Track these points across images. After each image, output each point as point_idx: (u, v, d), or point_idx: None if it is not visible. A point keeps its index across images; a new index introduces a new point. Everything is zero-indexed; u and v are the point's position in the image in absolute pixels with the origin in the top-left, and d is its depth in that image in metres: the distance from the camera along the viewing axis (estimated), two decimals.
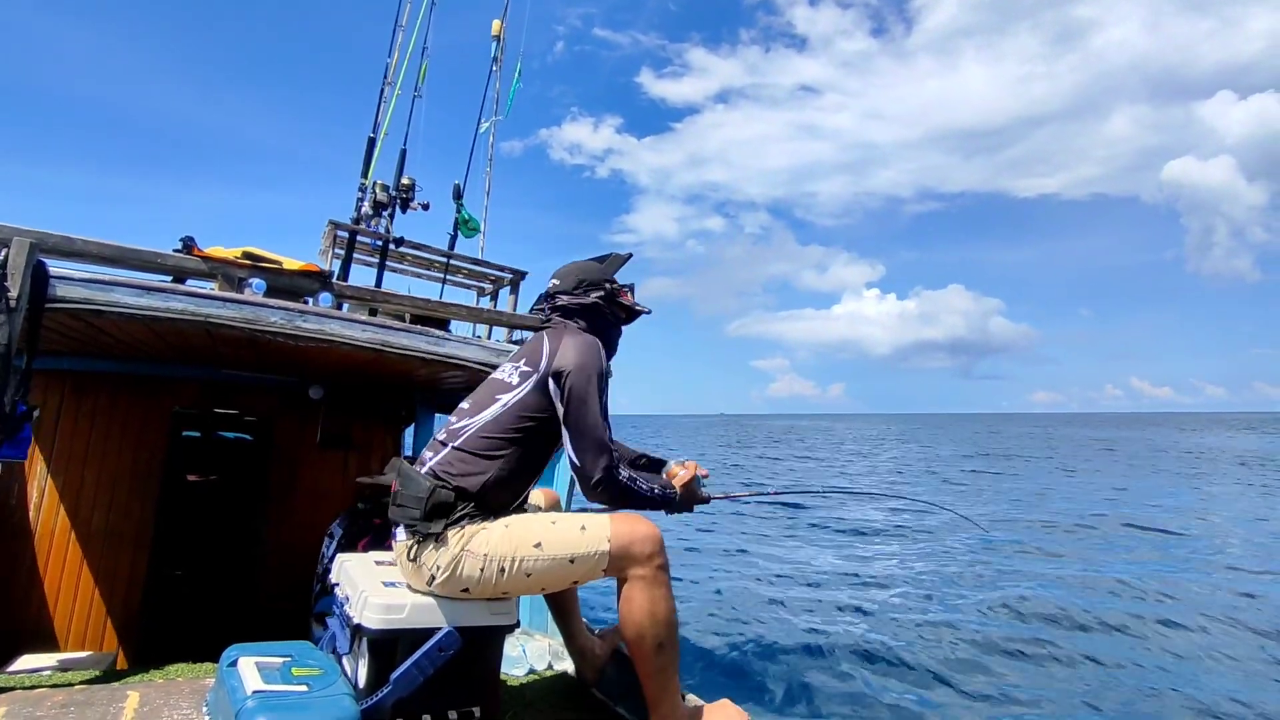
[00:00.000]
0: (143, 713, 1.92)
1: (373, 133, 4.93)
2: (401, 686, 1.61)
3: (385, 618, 1.65)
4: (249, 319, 2.28)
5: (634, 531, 1.76)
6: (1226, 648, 6.00)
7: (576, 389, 1.78)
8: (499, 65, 5.87)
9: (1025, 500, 15.65)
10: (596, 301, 2.04)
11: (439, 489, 1.72)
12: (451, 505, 1.72)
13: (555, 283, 2.09)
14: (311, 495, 3.55)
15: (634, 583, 1.75)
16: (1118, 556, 9.60)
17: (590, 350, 1.85)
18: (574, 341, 1.87)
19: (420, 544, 1.72)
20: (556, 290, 2.07)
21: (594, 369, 1.82)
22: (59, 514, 3.08)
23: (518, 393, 1.82)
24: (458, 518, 1.71)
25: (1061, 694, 4.95)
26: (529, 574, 1.72)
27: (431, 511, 1.70)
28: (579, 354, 1.83)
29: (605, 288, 2.07)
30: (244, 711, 1.44)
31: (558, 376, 1.80)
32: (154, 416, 3.31)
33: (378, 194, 4.51)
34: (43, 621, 3.01)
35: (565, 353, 1.83)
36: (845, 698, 4.88)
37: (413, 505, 1.73)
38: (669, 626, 1.76)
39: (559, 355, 1.83)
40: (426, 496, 1.71)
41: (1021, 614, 6.98)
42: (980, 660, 5.68)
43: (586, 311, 2.03)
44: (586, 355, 1.83)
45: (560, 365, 1.81)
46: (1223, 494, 17.07)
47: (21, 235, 1.97)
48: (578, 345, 1.86)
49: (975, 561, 9.50)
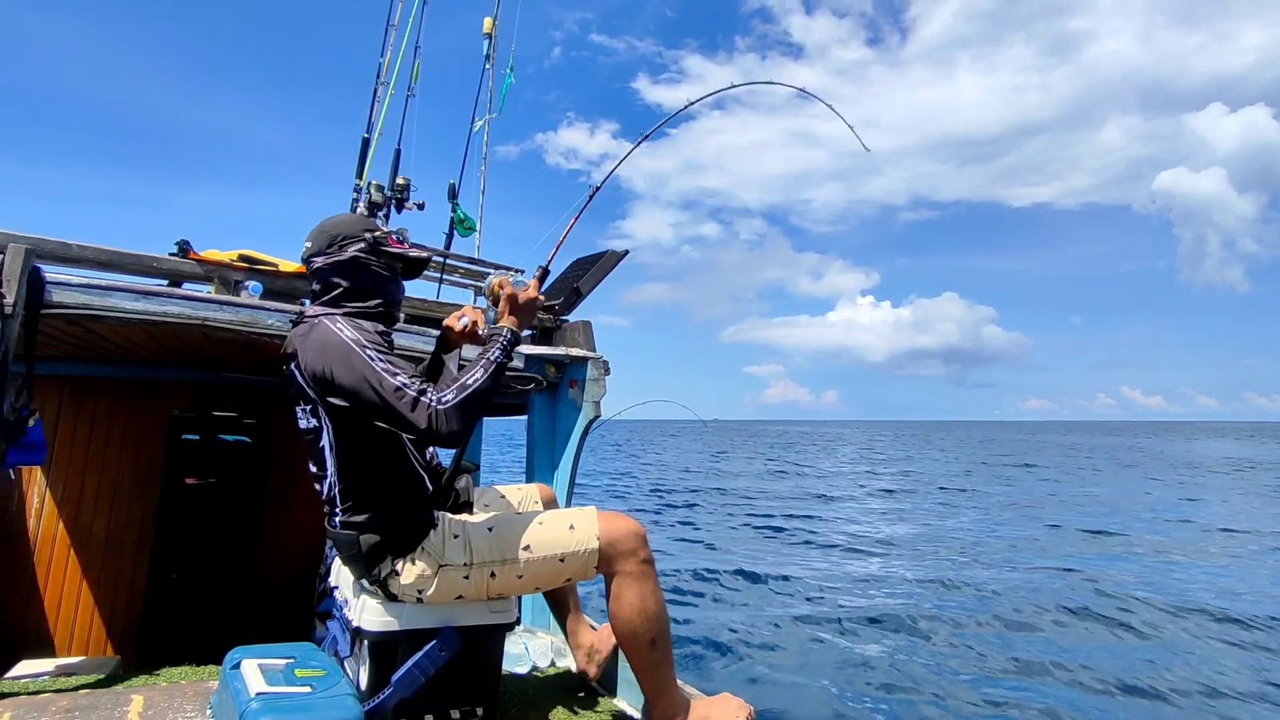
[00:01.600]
0: (147, 716, 1.93)
1: (367, 133, 4.93)
2: (403, 688, 1.62)
3: (384, 620, 1.65)
4: (246, 322, 2.28)
5: (615, 528, 1.76)
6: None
7: (345, 382, 1.58)
8: (491, 63, 5.85)
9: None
10: (356, 256, 1.77)
11: (360, 538, 1.65)
12: (383, 544, 1.66)
13: (307, 245, 1.80)
14: (311, 497, 3.55)
15: (622, 579, 1.75)
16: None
17: (326, 338, 1.63)
18: (309, 346, 1.65)
19: (384, 586, 1.68)
20: (309, 254, 1.79)
21: (340, 348, 1.60)
22: (59, 519, 3.09)
23: (325, 432, 1.67)
24: (400, 550, 1.66)
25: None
26: (520, 575, 1.72)
27: (370, 558, 1.65)
28: (320, 351, 1.62)
29: (365, 238, 1.79)
30: (248, 713, 1.45)
31: (326, 388, 1.61)
32: (153, 420, 3.31)
33: (373, 194, 4.50)
34: (43, 627, 3.02)
35: (311, 364, 1.63)
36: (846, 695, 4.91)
37: (356, 563, 1.68)
38: (660, 621, 1.76)
39: (308, 370, 1.64)
40: (358, 550, 1.65)
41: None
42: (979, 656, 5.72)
43: (346, 270, 1.76)
44: (328, 345, 1.62)
45: (315, 376, 1.62)
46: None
47: (17, 241, 1.97)
48: (314, 346, 1.64)
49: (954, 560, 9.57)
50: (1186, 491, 20.17)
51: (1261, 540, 11.64)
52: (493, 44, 5.67)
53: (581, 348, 3.00)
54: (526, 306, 1.81)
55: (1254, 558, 10.28)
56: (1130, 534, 12.12)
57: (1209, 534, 12.34)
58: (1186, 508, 16.03)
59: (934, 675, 5.20)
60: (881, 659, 5.55)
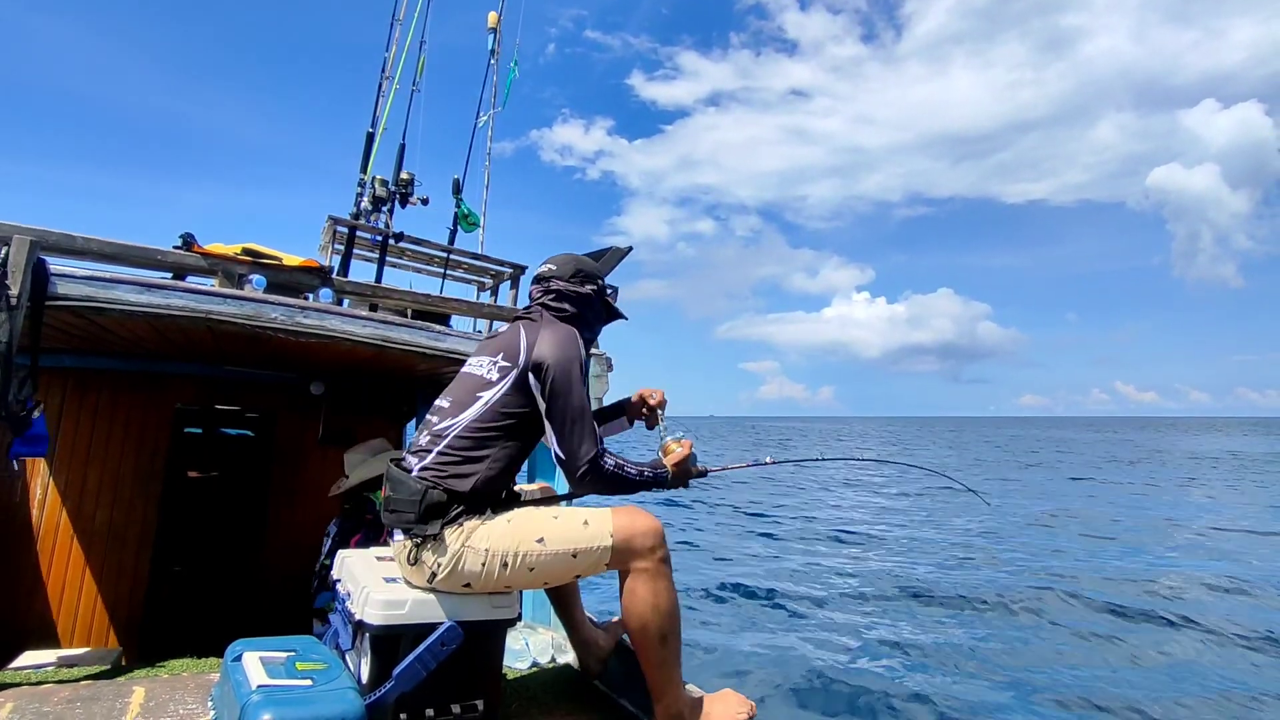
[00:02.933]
0: (148, 707, 1.93)
1: (371, 128, 4.91)
2: (404, 681, 1.62)
3: (387, 614, 1.65)
4: (250, 315, 2.28)
5: (635, 525, 1.77)
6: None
7: (558, 381, 1.75)
8: (496, 58, 5.85)
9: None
10: (590, 293, 2.03)
11: (430, 490, 1.71)
12: (445, 506, 1.71)
13: (551, 267, 2.05)
14: (313, 491, 3.56)
15: (636, 575, 1.76)
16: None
17: (568, 341, 1.82)
18: (552, 333, 1.83)
19: (419, 546, 1.71)
20: (553, 274, 2.03)
21: (574, 359, 1.79)
22: (62, 511, 3.09)
23: (498, 389, 1.80)
24: (453, 517, 1.71)
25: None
26: (532, 568, 1.73)
27: (426, 513, 1.70)
28: (557, 345, 1.79)
29: (599, 283, 2.07)
30: (249, 706, 1.45)
31: (537, 370, 1.77)
32: (156, 413, 3.31)
33: (377, 189, 4.50)
34: (47, 618, 3.03)
35: (543, 345, 1.79)
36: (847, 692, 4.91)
37: (407, 509, 1.72)
38: (672, 618, 1.77)
39: (537, 348, 1.79)
40: (419, 499, 1.70)
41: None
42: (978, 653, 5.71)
43: (579, 301, 2.01)
44: (565, 346, 1.80)
45: (539, 358, 1.78)
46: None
47: (22, 233, 1.97)
48: (556, 337, 1.82)
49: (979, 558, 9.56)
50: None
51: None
52: (497, 38, 5.66)
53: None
54: (686, 475, 2.02)
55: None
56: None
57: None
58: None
59: (936, 673, 5.20)
60: (882, 656, 5.55)
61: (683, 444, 2.06)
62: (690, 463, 2.02)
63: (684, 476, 2.01)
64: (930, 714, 4.50)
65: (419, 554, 1.71)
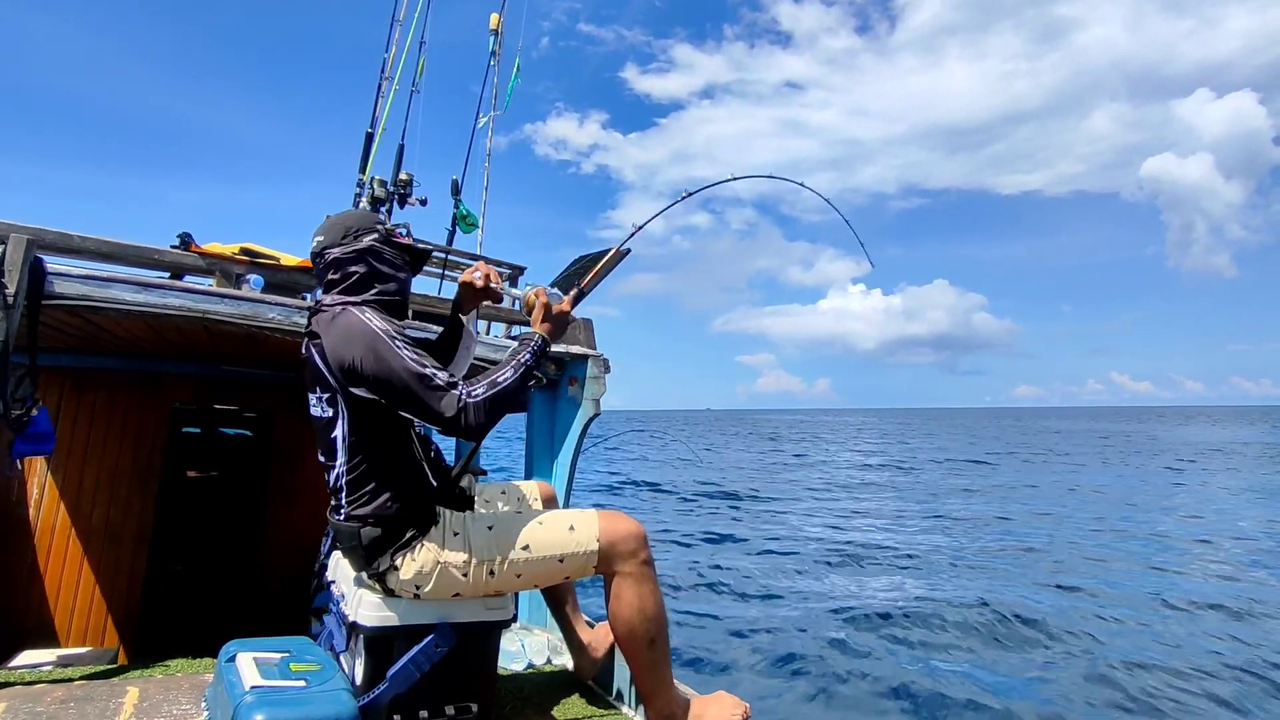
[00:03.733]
0: (142, 708, 1.93)
1: (370, 128, 4.92)
2: (398, 683, 1.61)
3: (380, 615, 1.65)
4: (247, 315, 2.28)
5: (617, 529, 1.77)
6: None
7: (373, 371, 1.59)
8: (497, 59, 5.84)
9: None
10: (372, 244, 1.80)
11: (362, 530, 1.66)
12: (384, 539, 1.66)
13: (319, 239, 1.82)
14: (311, 491, 3.56)
15: (621, 579, 1.76)
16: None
17: (353, 326, 1.64)
18: (335, 333, 1.66)
19: (382, 580, 1.69)
20: (323, 246, 1.80)
21: (368, 336, 1.61)
22: (59, 511, 3.09)
23: (341, 421, 1.67)
24: (403, 543, 1.67)
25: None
26: (519, 574, 1.73)
27: (370, 551, 1.66)
28: (347, 339, 1.63)
29: (377, 229, 1.83)
30: (242, 707, 1.45)
31: (351, 377, 1.62)
32: (154, 413, 3.31)
33: (375, 189, 4.50)
34: (43, 618, 3.02)
35: (337, 352, 1.64)
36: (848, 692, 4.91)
37: (355, 554, 1.69)
38: (658, 622, 1.77)
39: (333, 359, 1.64)
40: (358, 541, 1.66)
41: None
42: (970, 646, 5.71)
43: (363, 257, 1.78)
44: (353, 334, 1.63)
45: (340, 364, 1.63)
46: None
47: (18, 232, 1.97)
48: (341, 333, 1.65)
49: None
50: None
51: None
52: (498, 40, 5.66)
53: (582, 345, 3.00)
54: (559, 319, 1.87)
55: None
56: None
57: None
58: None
59: (938, 670, 5.20)
60: (881, 656, 5.54)
61: (536, 291, 1.88)
62: (554, 301, 1.86)
63: (560, 323, 1.87)
64: (931, 712, 4.50)
65: (388, 585, 1.69)
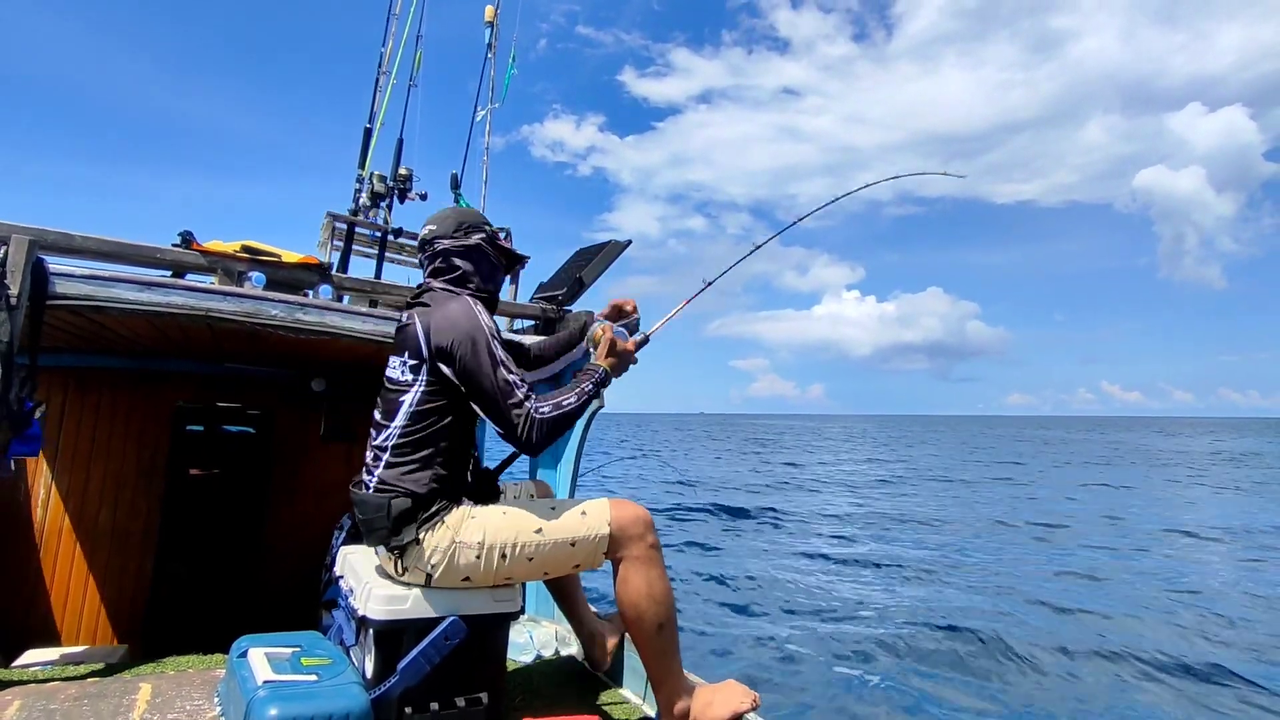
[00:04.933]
0: (155, 704, 1.94)
1: (369, 123, 4.90)
2: (409, 676, 1.62)
3: (389, 609, 1.66)
4: (249, 312, 2.27)
5: (624, 514, 1.79)
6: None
7: (466, 360, 1.68)
8: (493, 52, 5.82)
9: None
10: (479, 243, 1.93)
11: (392, 501, 1.69)
12: (413, 510, 1.68)
13: (431, 228, 1.94)
14: (315, 488, 3.57)
15: (629, 564, 1.77)
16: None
17: (463, 314, 1.74)
18: (444, 313, 1.75)
19: (403, 555, 1.70)
20: (435, 235, 1.92)
21: (474, 330, 1.71)
22: (65, 510, 3.10)
23: (415, 389, 1.74)
24: (427, 518, 1.69)
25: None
26: (530, 558, 1.74)
27: (397, 522, 1.68)
28: (454, 324, 1.72)
29: (485, 230, 1.96)
30: (255, 701, 1.46)
31: (443, 356, 1.71)
32: (157, 411, 3.31)
33: (375, 185, 4.49)
34: (50, 617, 3.04)
35: (440, 329, 1.72)
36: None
37: (379, 525, 1.70)
38: (666, 606, 1.78)
39: (434, 336, 1.72)
40: (385, 512, 1.68)
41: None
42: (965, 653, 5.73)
43: (472, 254, 1.91)
44: (461, 320, 1.72)
45: (439, 343, 1.71)
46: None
47: (20, 233, 1.97)
48: (449, 315, 1.74)
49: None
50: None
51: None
52: (494, 32, 5.64)
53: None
54: (623, 356, 1.94)
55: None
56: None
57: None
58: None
59: (940, 665, 5.22)
60: (886, 650, 5.56)
61: (603, 328, 1.99)
62: (619, 338, 1.95)
63: (623, 360, 1.95)
64: (930, 711, 4.52)
65: (405, 562, 1.70)
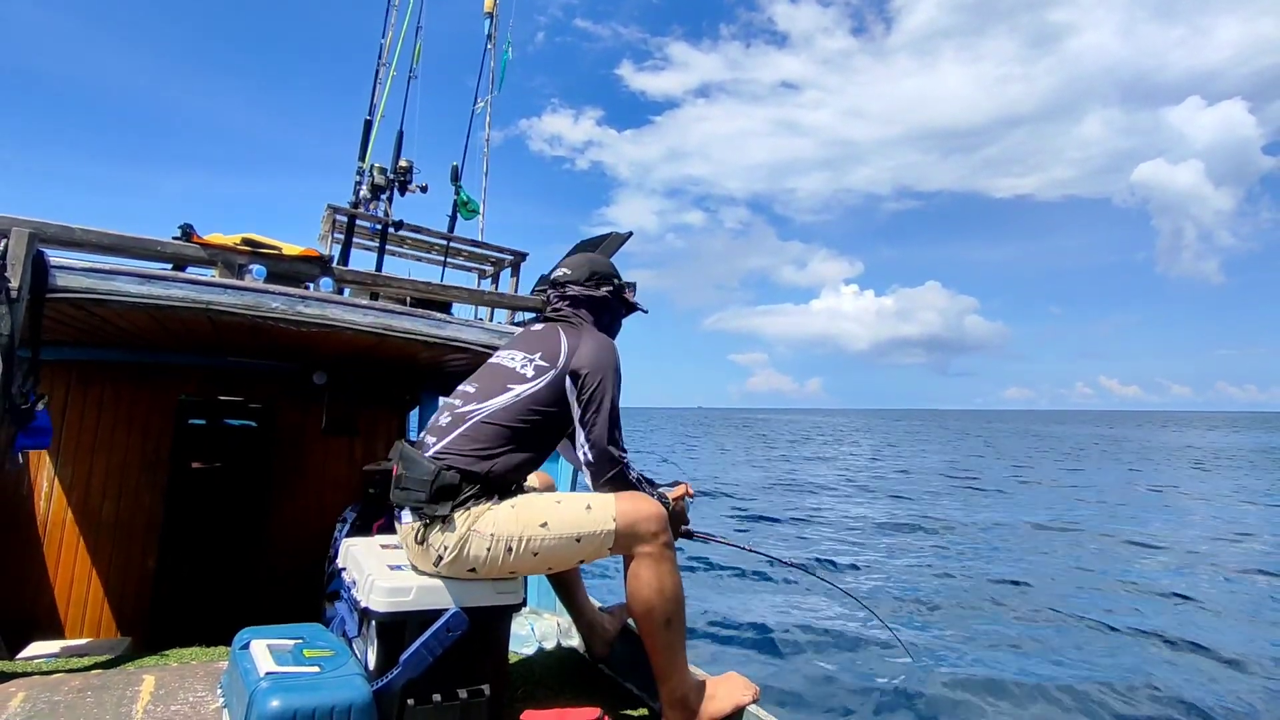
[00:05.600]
0: (158, 695, 1.95)
1: (369, 115, 4.89)
2: (411, 667, 1.63)
3: (392, 600, 1.66)
4: (250, 305, 2.27)
5: (639, 510, 1.78)
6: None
7: (594, 391, 1.81)
8: (493, 43, 5.80)
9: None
10: (607, 296, 2.05)
11: (443, 472, 1.72)
12: (457, 488, 1.71)
13: (565, 271, 2.07)
14: (317, 480, 3.58)
15: (641, 559, 1.77)
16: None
17: (608, 351, 1.88)
18: (593, 342, 1.89)
19: (427, 527, 1.72)
20: (568, 279, 2.05)
21: (611, 370, 1.84)
22: (68, 504, 3.11)
23: (532, 386, 1.82)
24: (463, 500, 1.71)
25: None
26: (536, 553, 1.74)
27: (437, 494, 1.71)
28: (597, 356, 1.85)
29: (615, 283, 2.08)
30: (258, 693, 1.46)
31: (575, 376, 1.82)
32: (160, 405, 3.32)
33: (375, 177, 4.48)
34: (55, 610, 3.05)
35: (584, 352, 1.85)
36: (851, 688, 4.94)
37: (418, 489, 1.73)
38: (676, 602, 1.78)
39: (578, 354, 1.84)
40: (432, 480, 1.71)
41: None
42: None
43: (596, 304, 2.04)
44: (605, 356, 1.86)
45: (578, 365, 1.83)
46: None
47: (20, 225, 1.97)
48: (597, 346, 1.87)
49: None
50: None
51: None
52: (494, 23, 5.62)
53: None
54: (679, 517, 2.04)
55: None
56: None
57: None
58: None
59: (942, 662, 5.24)
60: (890, 643, 5.58)
61: (680, 485, 2.11)
62: (684, 508, 2.08)
63: (678, 520, 2.03)
64: (931, 710, 4.53)
65: (426, 535, 1.72)
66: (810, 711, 4.38)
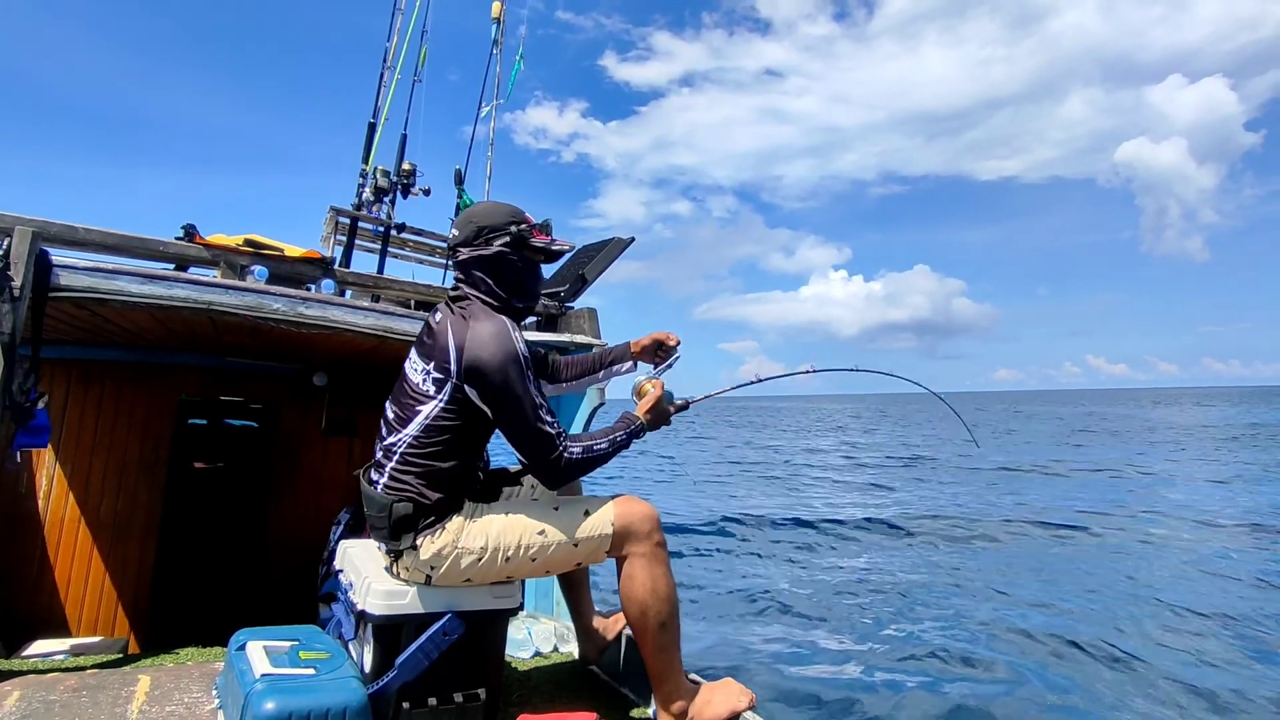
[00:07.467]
0: (154, 696, 1.95)
1: (373, 118, 4.90)
2: (407, 671, 1.63)
3: (389, 604, 1.66)
4: (252, 306, 2.28)
5: (633, 511, 1.78)
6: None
7: (496, 389, 1.63)
8: (499, 48, 5.81)
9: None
10: (501, 250, 1.77)
11: (395, 505, 1.68)
12: (414, 518, 1.68)
13: (454, 233, 1.82)
14: (316, 481, 3.58)
15: (634, 560, 1.77)
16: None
17: (498, 338, 1.64)
18: (480, 333, 1.65)
19: (397, 558, 1.71)
20: (454, 243, 1.80)
21: (509, 360, 1.63)
22: (68, 502, 3.11)
23: (436, 404, 1.68)
24: (426, 526, 1.68)
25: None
26: (534, 559, 1.74)
27: (395, 528, 1.67)
28: (486, 347, 1.63)
29: (511, 232, 1.77)
30: (253, 695, 1.46)
31: (472, 378, 1.64)
32: (160, 404, 3.32)
33: (379, 180, 4.49)
34: (54, 608, 3.05)
35: (472, 350, 1.63)
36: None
37: (379, 525, 1.71)
38: (670, 604, 1.78)
39: (467, 355, 1.64)
40: (388, 514, 1.68)
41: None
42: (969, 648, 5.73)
43: (490, 264, 1.77)
44: (495, 346, 1.63)
45: (470, 363, 1.63)
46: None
47: (24, 224, 1.98)
48: (485, 338, 1.64)
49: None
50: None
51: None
52: (501, 28, 5.63)
53: (586, 334, 3.01)
54: (662, 415, 1.93)
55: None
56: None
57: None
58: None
59: (946, 657, 5.22)
60: (887, 644, 5.56)
61: (655, 384, 1.97)
62: (666, 401, 1.94)
63: (661, 418, 1.93)
64: (933, 707, 4.52)
65: (400, 564, 1.71)
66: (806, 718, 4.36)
